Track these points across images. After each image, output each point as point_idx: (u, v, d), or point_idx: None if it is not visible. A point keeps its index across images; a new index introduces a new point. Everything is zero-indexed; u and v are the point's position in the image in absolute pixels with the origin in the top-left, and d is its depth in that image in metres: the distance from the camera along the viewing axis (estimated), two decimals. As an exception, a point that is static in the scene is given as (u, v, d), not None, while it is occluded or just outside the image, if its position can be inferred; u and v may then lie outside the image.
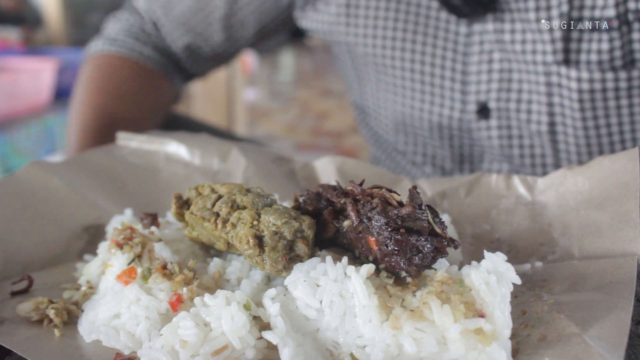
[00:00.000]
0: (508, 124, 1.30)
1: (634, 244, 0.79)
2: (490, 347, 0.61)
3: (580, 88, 1.17)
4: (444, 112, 1.34)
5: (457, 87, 1.30)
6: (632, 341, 0.66)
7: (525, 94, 1.26)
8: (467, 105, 1.31)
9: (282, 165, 1.22)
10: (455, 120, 1.34)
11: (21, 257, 0.91)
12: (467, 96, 1.30)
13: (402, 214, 0.68)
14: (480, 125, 1.32)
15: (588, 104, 1.20)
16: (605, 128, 1.24)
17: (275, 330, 0.67)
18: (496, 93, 1.27)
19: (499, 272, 0.66)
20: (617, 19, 1.11)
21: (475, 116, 1.31)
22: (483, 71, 1.27)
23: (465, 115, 1.32)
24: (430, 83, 1.33)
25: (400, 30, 1.31)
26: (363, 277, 0.67)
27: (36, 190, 1.00)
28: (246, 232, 0.74)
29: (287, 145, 5.68)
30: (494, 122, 1.30)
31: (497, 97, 1.28)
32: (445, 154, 1.44)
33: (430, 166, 1.48)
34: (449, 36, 1.28)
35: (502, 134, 1.31)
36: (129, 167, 1.17)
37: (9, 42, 3.86)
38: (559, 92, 1.21)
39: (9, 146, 2.53)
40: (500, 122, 1.30)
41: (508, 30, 1.20)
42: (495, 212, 1.00)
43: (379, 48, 1.34)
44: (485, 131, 1.32)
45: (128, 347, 0.71)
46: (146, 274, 0.76)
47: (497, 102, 1.28)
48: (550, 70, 1.19)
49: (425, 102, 1.36)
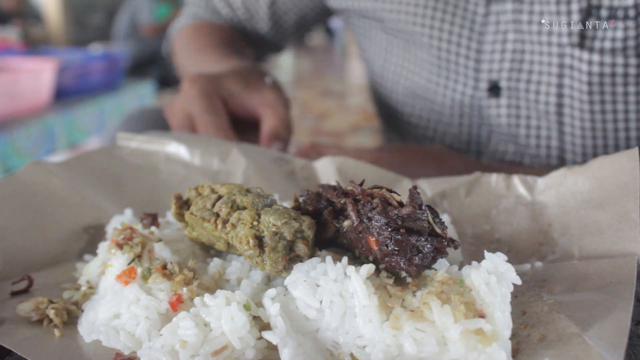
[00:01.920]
0: (517, 103, 1.34)
1: (634, 244, 0.79)
2: (490, 347, 0.61)
3: (591, 71, 1.21)
4: (457, 87, 1.39)
5: (471, 64, 1.36)
6: (632, 341, 0.66)
7: (535, 75, 1.30)
8: (479, 83, 1.36)
9: (282, 165, 1.22)
10: (467, 97, 1.39)
11: (21, 257, 0.91)
12: (479, 74, 1.36)
13: (403, 214, 0.68)
14: (491, 103, 1.36)
15: (597, 88, 1.23)
16: (611, 114, 1.27)
17: (275, 330, 0.67)
18: (508, 72, 1.32)
19: (499, 273, 0.66)
20: (635, 8, 1.15)
21: (487, 94, 1.36)
22: (497, 51, 1.32)
23: (477, 93, 1.37)
24: (446, 59, 1.39)
25: (421, 7, 1.37)
26: (363, 277, 0.67)
27: (36, 191, 1.00)
28: (246, 233, 0.74)
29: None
30: (503, 100, 1.35)
31: (509, 76, 1.33)
32: (454, 133, 1.48)
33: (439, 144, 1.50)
34: (466, 15, 1.34)
35: (510, 112, 1.36)
36: (129, 167, 1.17)
37: (9, 42, 3.86)
38: (570, 74, 1.25)
39: (9, 146, 2.53)
40: (509, 101, 1.35)
41: (527, 11, 1.25)
42: (495, 212, 1.00)
43: (402, 23, 1.41)
44: (495, 109, 1.37)
45: (128, 347, 0.71)
46: (146, 274, 0.76)
47: (508, 81, 1.33)
48: (564, 52, 1.23)
49: (441, 77, 1.41)
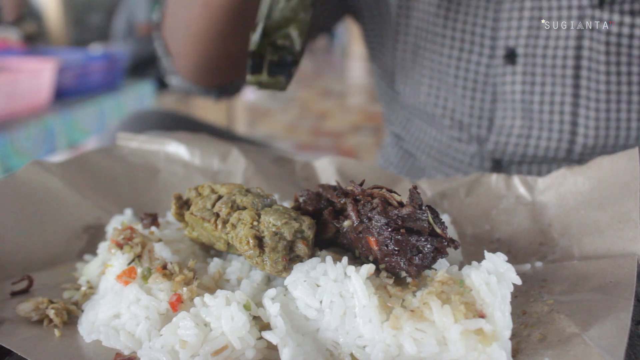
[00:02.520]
0: (533, 70, 1.34)
1: (634, 244, 0.79)
2: (490, 347, 0.61)
3: (610, 31, 1.21)
4: (472, 58, 1.39)
5: (488, 32, 1.36)
6: (632, 341, 0.66)
7: (552, 40, 1.30)
8: (495, 51, 1.36)
9: (282, 165, 1.22)
10: (483, 66, 1.39)
11: (21, 257, 0.91)
12: (496, 42, 1.36)
13: (403, 214, 0.68)
14: (506, 70, 1.36)
15: (614, 48, 1.23)
16: (625, 76, 1.27)
17: (275, 330, 0.67)
18: (525, 39, 1.32)
19: (500, 273, 0.66)
20: None
21: (502, 61, 1.36)
22: (514, 18, 1.32)
23: (492, 61, 1.37)
24: (461, 30, 1.38)
25: None
26: (363, 277, 0.67)
27: (36, 191, 1.00)
28: (246, 233, 0.74)
29: (287, 146, 5.68)
30: (519, 67, 1.35)
31: (526, 43, 1.33)
32: (465, 109, 1.47)
33: (449, 120, 1.51)
34: None
35: (525, 79, 1.36)
36: (128, 167, 1.17)
37: (9, 42, 3.86)
38: (589, 36, 1.25)
39: (9, 146, 2.53)
40: (525, 69, 1.35)
41: None
42: (495, 212, 1.00)
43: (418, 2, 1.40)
44: (510, 76, 1.37)
45: (128, 347, 0.71)
46: (146, 274, 0.76)
47: (525, 47, 1.33)
48: (584, 14, 1.23)
49: (455, 49, 1.41)
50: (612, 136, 1.31)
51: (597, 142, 1.32)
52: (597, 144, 1.32)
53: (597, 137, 1.32)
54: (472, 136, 1.46)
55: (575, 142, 1.34)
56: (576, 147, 1.34)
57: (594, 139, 1.32)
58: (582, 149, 1.34)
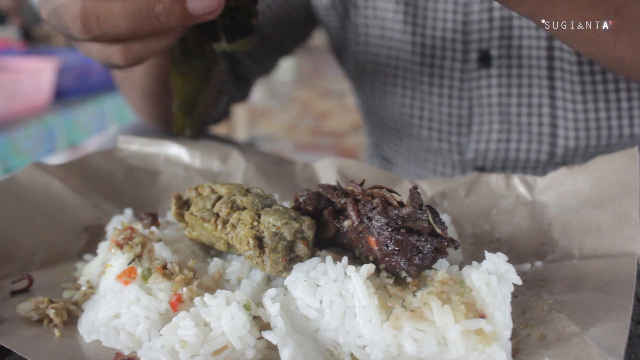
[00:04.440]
0: (508, 72, 1.33)
1: (634, 244, 0.79)
2: (490, 347, 0.61)
3: None
4: (446, 64, 1.37)
5: (459, 37, 1.34)
6: (632, 341, 0.66)
7: (525, 40, 1.28)
8: (468, 55, 1.34)
9: (282, 167, 1.22)
10: (457, 71, 1.36)
11: (21, 257, 0.91)
12: (468, 45, 1.34)
13: (403, 214, 0.68)
14: (481, 74, 1.34)
15: None
16: (600, 75, 1.25)
17: (275, 330, 0.67)
18: (498, 41, 1.31)
19: (500, 273, 0.66)
20: None
21: (477, 65, 1.34)
22: (484, 19, 1.30)
23: (467, 66, 1.35)
24: (431, 36, 1.36)
25: None
26: (363, 277, 0.67)
27: (36, 191, 1.00)
28: (246, 233, 0.74)
29: (287, 146, 5.68)
30: (494, 70, 1.33)
31: (499, 44, 1.31)
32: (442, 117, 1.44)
33: (427, 130, 1.48)
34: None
35: (501, 82, 1.34)
36: (129, 169, 1.17)
37: (9, 42, 3.86)
38: None
39: (9, 146, 2.52)
40: (500, 71, 1.33)
41: None
42: (495, 212, 1.00)
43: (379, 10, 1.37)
44: (485, 80, 1.35)
45: (128, 347, 0.71)
46: (146, 274, 0.76)
47: (499, 49, 1.31)
48: None
49: (426, 56, 1.38)
50: (594, 136, 1.29)
51: (578, 144, 1.30)
52: (578, 145, 1.30)
53: (578, 138, 1.30)
54: (452, 144, 1.44)
55: (556, 144, 1.32)
56: (558, 150, 1.32)
57: (575, 140, 1.30)
58: (564, 151, 1.32)
